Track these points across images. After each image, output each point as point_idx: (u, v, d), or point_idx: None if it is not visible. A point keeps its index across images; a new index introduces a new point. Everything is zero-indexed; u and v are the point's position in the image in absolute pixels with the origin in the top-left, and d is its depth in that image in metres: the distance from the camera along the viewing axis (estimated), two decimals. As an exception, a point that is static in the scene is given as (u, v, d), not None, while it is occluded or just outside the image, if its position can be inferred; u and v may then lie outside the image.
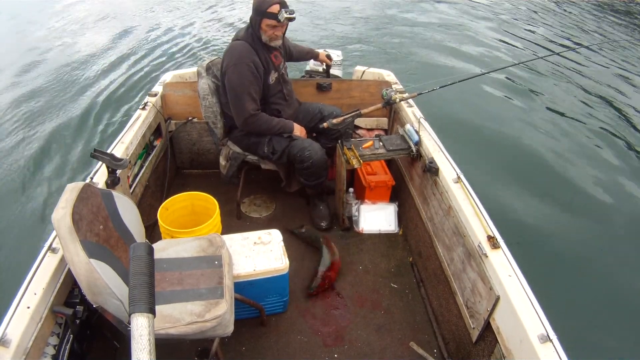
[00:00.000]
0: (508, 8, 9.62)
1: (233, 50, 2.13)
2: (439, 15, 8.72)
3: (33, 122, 4.34)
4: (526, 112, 4.83)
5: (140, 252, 0.67)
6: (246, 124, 2.18)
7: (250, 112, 2.14)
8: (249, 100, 2.12)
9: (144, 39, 6.90)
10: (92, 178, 1.72)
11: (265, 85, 2.20)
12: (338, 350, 1.85)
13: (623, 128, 4.73)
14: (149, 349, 0.60)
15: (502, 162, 3.81)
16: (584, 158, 4.03)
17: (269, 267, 1.76)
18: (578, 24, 8.65)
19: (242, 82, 2.09)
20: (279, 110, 2.30)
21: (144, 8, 8.60)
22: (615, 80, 5.97)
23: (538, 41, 7.35)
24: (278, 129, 2.24)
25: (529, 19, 8.84)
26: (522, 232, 2.92)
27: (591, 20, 9.00)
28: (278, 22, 2.05)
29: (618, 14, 9.73)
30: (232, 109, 2.19)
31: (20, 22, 7.80)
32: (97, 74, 5.53)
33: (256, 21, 2.09)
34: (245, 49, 2.10)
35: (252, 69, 2.09)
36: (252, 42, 2.12)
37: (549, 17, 9.11)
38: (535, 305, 1.29)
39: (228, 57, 2.13)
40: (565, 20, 8.91)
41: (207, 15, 8.24)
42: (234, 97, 2.14)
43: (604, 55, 6.88)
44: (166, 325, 1.35)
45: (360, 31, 7.45)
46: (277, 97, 2.29)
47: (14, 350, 1.13)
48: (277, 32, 2.11)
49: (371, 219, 2.51)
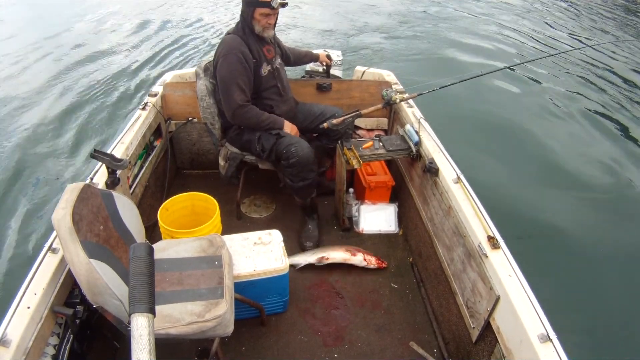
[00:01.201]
0: (512, 6, 9.63)
1: (223, 43, 2.14)
2: (439, 14, 8.73)
3: (33, 122, 4.35)
4: (527, 112, 4.83)
5: (140, 253, 0.67)
6: (235, 115, 2.16)
7: (238, 103, 2.11)
8: (238, 91, 2.10)
9: (144, 39, 6.90)
10: (92, 178, 1.72)
11: (257, 77, 2.17)
12: (338, 350, 1.85)
13: (625, 127, 4.74)
14: (149, 349, 0.60)
15: (501, 163, 3.82)
16: (585, 158, 4.03)
17: (269, 267, 1.76)
18: (582, 22, 8.65)
19: (231, 72, 2.08)
20: (271, 105, 2.27)
21: (144, 8, 8.61)
22: (617, 79, 5.97)
23: (539, 40, 7.36)
24: (267, 124, 2.20)
25: (530, 18, 8.84)
26: (522, 232, 2.92)
27: (595, 19, 9.01)
28: (272, 9, 2.05)
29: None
30: (222, 101, 2.17)
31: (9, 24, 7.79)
32: (97, 74, 5.54)
33: (248, 12, 2.09)
34: (235, 41, 2.11)
35: (241, 59, 2.08)
36: (242, 35, 2.13)
37: (548, 17, 9.11)
38: (535, 305, 1.29)
39: (219, 50, 2.14)
40: (572, 18, 8.91)
41: (208, 15, 8.25)
42: (223, 88, 2.13)
43: (606, 54, 6.89)
44: (166, 325, 1.35)
45: (360, 31, 7.45)
46: (271, 92, 2.27)
47: (14, 350, 1.13)
48: (270, 21, 2.11)
49: (371, 219, 2.51)
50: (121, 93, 5.05)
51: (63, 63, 5.87)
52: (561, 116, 4.82)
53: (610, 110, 5.07)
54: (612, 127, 4.71)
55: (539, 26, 8.33)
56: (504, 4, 9.92)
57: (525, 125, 4.48)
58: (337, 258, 2.21)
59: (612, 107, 5.17)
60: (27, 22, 7.86)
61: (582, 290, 2.63)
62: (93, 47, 6.47)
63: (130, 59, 6.06)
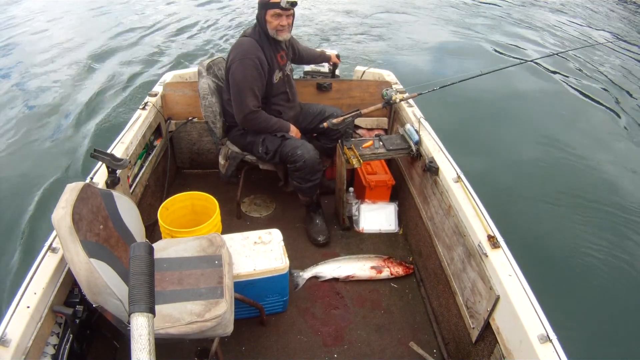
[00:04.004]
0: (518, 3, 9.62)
1: (239, 45, 2.14)
2: (440, 13, 8.72)
3: (32, 122, 4.34)
4: (528, 111, 4.83)
5: (140, 252, 0.67)
6: (245, 119, 2.17)
7: (250, 108, 2.13)
8: (251, 96, 2.11)
9: (144, 39, 6.89)
10: (92, 178, 1.72)
11: (269, 83, 2.19)
12: (338, 350, 1.85)
13: (628, 124, 4.74)
14: (148, 349, 0.60)
15: (502, 162, 3.82)
16: (587, 157, 4.03)
17: (269, 266, 1.76)
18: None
19: (246, 77, 2.09)
20: (279, 111, 2.30)
21: (143, 8, 8.60)
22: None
23: (539, 40, 7.35)
24: (275, 128, 2.24)
25: (531, 17, 8.83)
26: (522, 232, 2.92)
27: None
28: (282, 9, 2.04)
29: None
30: (233, 104, 2.18)
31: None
32: (97, 74, 5.53)
33: (261, 15, 2.09)
34: (252, 45, 2.10)
35: (257, 65, 2.08)
36: (258, 39, 2.12)
37: (548, 15, 9.10)
38: (535, 305, 1.29)
39: (234, 52, 2.13)
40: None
41: (208, 15, 8.24)
42: (236, 91, 2.13)
43: (609, 54, 6.89)
44: (166, 325, 1.35)
45: (359, 31, 7.44)
46: (280, 97, 2.29)
47: (13, 350, 1.13)
48: (282, 22, 2.09)
49: (371, 218, 2.51)
50: (121, 93, 5.04)
51: (63, 63, 5.87)
52: (562, 116, 4.82)
53: (610, 109, 5.08)
54: (611, 127, 4.72)
55: (546, 24, 8.33)
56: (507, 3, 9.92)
57: (527, 124, 4.49)
58: (363, 277, 2.17)
59: (612, 106, 5.18)
60: (27, 22, 7.85)
61: (582, 290, 2.63)
62: (93, 47, 6.46)
63: (130, 59, 6.05)
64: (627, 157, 4.14)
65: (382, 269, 2.18)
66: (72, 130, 4.23)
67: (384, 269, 2.18)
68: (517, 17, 8.88)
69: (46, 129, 4.23)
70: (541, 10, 9.73)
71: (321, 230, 2.40)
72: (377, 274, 2.17)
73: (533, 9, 9.81)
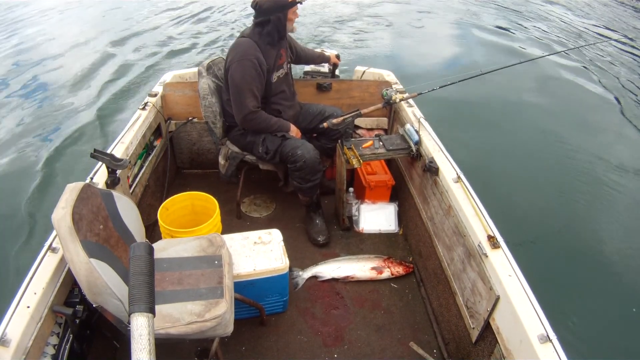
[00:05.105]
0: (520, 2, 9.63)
1: (238, 46, 2.13)
2: (440, 13, 8.72)
3: (32, 122, 4.34)
4: (529, 111, 4.83)
5: (140, 252, 0.67)
6: (245, 120, 2.18)
7: (250, 109, 2.13)
8: (250, 97, 2.12)
9: (143, 39, 6.90)
10: (92, 178, 1.72)
11: (268, 83, 2.19)
12: (338, 350, 1.85)
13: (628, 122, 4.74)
14: (148, 349, 0.60)
15: (502, 162, 3.81)
16: (588, 158, 4.03)
17: (269, 266, 1.76)
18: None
19: (245, 78, 2.09)
20: (279, 110, 2.30)
21: (143, 8, 8.60)
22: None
23: (540, 39, 7.35)
24: (275, 128, 2.24)
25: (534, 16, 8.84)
26: (522, 232, 2.92)
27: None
28: (300, 3, 2.09)
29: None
30: (232, 104, 2.18)
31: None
32: (97, 74, 5.54)
33: (280, 17, 2.07)
34: (250, 46, 2.10)
35: (256, 65, 2.08)
36: (257, 40, 2.12)
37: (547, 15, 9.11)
38: (535, 305, 1.28)
39: (232, 53, 2.13)
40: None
41: (208, 15, 8.24)
42: (235, 92, 2.13)
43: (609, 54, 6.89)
44: (166, 325, 1.35)
45: (359, 31, 7.44)
46: (280, 97, 2.29)
47: (13, 349, 1.13)
48: (296, 16, 2.15)
49: (371, 218, 2.51)
50: (121, 93, 5.04)
51: (63, 63, 5.87)
52: (563, 116, 4.82)
53: (614, 108, 5.07)
54: (614, 127, 4.72)
55: (546, 25, 8.33)
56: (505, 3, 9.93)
57: (527, 124, 4.49)
58: (363, 277, 2.17)
59: (616, 105, 5.17)
60: (27, 22, 7.85)
61: (582, 290, 2.62)
62: (93, 47, 6.46)
63: (131, 59, 6.06)
64: (629, 157, 4.14)
65: (383, 269, 2.18)
66: (71, 130, 4.23)
67: (385, 270, 2.18)
68: (517, 17, 8.89)
69: (46, 129, 4.23)
70: (541, 10, 9.73)
71: (321, 230, 2.40)
72: (378, 274, 2.17)
73: (531, 7, 9.81)
